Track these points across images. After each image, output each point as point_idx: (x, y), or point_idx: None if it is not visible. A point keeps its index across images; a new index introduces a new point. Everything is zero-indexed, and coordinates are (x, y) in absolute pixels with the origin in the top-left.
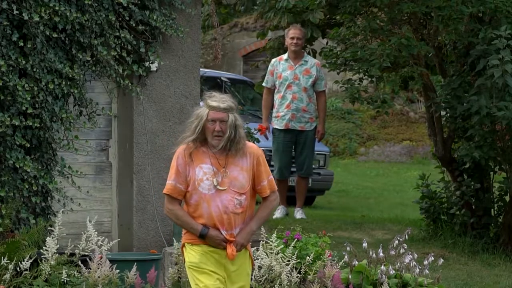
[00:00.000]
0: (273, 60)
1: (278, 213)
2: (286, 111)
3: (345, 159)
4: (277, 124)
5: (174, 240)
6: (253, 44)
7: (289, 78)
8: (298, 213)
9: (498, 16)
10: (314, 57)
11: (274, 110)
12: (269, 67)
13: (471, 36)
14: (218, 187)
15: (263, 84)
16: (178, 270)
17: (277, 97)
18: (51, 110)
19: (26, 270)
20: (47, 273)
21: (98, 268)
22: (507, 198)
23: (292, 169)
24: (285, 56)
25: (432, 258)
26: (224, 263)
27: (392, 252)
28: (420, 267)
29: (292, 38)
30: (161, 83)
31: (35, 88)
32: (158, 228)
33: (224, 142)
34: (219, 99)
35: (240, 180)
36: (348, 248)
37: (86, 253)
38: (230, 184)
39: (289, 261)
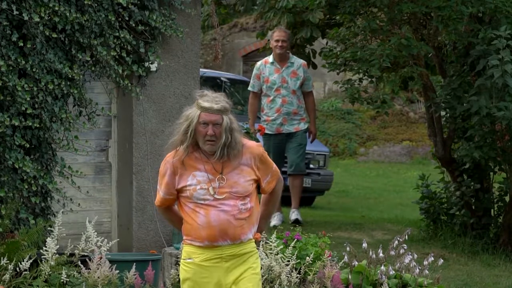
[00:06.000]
0: (258, 63)
1: (274, 221)
2: (277, 115)
3: (345, 160)
4: (268, 129)
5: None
6: (252, 44)
7: (277, 81)
8: (293, 214)
9: (498, 16)
10: (314, 57)
11: (263, 114)
12: (255, 71)
13: (471, 36)
14: (216, 196)
15: (249, 88)
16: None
17: (265, 101)
18: (50, 111)
19: (25, 270)
20: (46, 273)
21: (98, 269)
22: (507, 199)
23: (285, 169)
24: (270, 59)
25: (432, 259)
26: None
27: (392, 253)
28: (420, 268)
29: (277, 40)
30: (160, 83)
31: (35, 89)
32: (158, 228)
33: (218, 148)
34: (211, 99)
35: (242, 183)
36: (348, 249)
37: (86, 254)
38: (231, 189)
39: (288, 261)
